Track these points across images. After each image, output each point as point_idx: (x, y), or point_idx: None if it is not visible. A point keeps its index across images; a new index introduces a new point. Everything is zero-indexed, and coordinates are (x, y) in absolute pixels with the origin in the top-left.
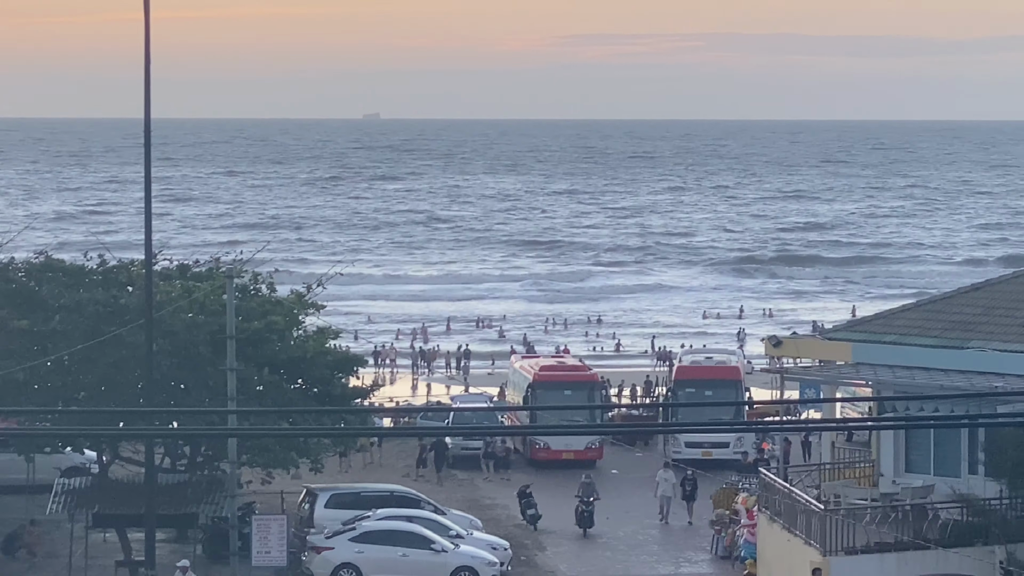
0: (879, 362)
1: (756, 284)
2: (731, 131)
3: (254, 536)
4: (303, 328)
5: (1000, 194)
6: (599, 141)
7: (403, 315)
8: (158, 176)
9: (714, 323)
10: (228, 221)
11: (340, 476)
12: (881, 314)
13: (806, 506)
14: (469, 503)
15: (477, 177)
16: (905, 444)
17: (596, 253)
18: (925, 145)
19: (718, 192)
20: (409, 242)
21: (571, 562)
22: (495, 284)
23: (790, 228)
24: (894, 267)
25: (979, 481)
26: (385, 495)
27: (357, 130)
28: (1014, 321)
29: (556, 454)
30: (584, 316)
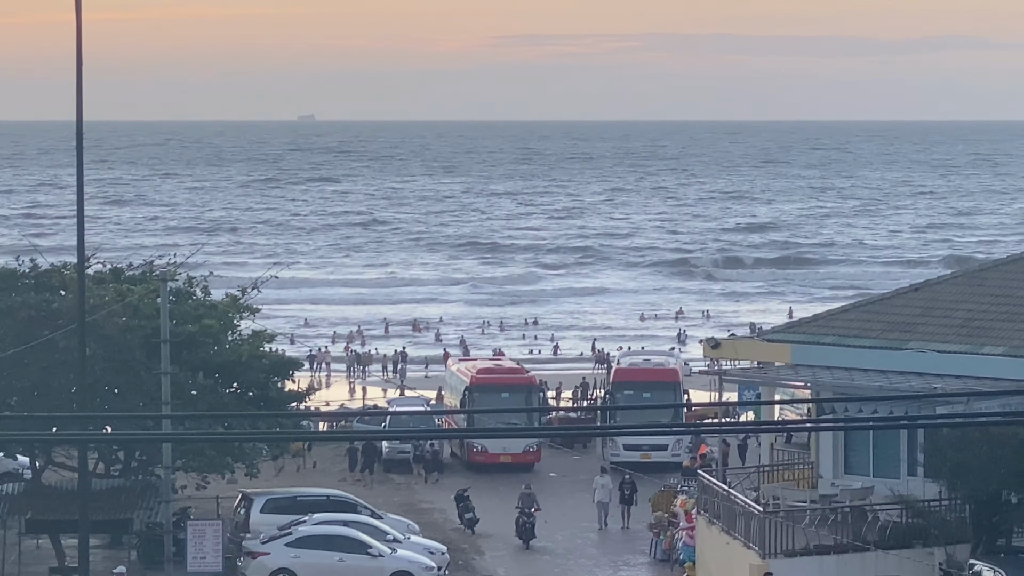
0: (818, 363)
1: (696, 285)
2: (669, 131)
3: (189, 542)
4: (238, 332)
5: (942, 194)
6: (537, 142)
7: (340, 318)
8: (92, 179)
9: (653, 325)
10: (163, 224)
11: (274, 480)
12: (820, 315)
13: (745, 508)
14: (406, 507)
15: (415, 179)
16: (844, 446)
17: (536, 255)
18: (864, 146)
19: (658, 193)
20: (347, 245)
21: (509, 566)
22: (434, 287)
23: (731, 229)
24: (835, 268)
25: (918, 482)
26: (321, 499)
27: (292, 132)
28: (953, 322)
29: (494, 457)
30: (522, 318)
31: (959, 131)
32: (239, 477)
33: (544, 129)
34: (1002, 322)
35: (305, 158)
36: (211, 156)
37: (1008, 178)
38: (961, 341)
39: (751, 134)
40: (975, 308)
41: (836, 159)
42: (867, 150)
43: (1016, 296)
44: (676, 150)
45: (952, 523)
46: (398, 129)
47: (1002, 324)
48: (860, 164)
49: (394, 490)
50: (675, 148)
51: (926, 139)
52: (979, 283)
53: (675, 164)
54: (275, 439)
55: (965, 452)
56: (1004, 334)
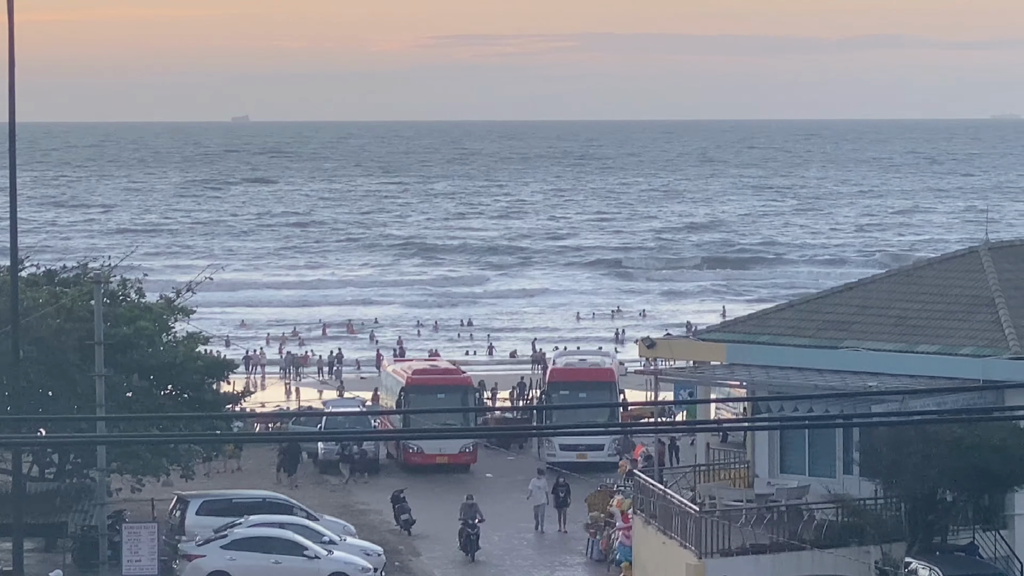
0: (753, 362)
1: (634, 285)
2: (604, 131)
3: (124, 544)
4: (173, 334)
5: (879, 193)
6: (473, 143)
7: (277, 320)
8: (25, 180)
9: (591, 325)
10: (98, 226)
11: (208, 482)
12: (755, 315)
13: (681, 508)
14: (342, 509)
15: (352, 180)
16: (780, 445)
17: (474, 256)
18: (800, 144)
19: (596, 193)
20: (285, 246)
21: (445, 567)
22: (372, 288)
23: (669, 228)
24: (773, 267)
25: (854, 481)
26: (257, 501)
27: (227, 133)
28: (887, 320)
29: (430, 458)
30: (458, 319)
31: (896, 130)
32: (174, 479)
33: (480, 129)
34: (936, 320)
35: (241, 159)
36: (147, 157)
37: (949, 177)
38: (896, 339)
39: (686, 134)
40: (909, 306)
41: (772, 158)
42: (802, 149)
43: (950, 294)
44: (612, 150)
45: (888, 521)
46: (334, 130)
47: (936, 322)
48: (797, 163)
49: (330, 492)
50: (611, 148)
51: (863, 138)
52: (913, 282)
53: (611, 164)
54: (210, 441)
55: (900, 451)
56: (938, 332)
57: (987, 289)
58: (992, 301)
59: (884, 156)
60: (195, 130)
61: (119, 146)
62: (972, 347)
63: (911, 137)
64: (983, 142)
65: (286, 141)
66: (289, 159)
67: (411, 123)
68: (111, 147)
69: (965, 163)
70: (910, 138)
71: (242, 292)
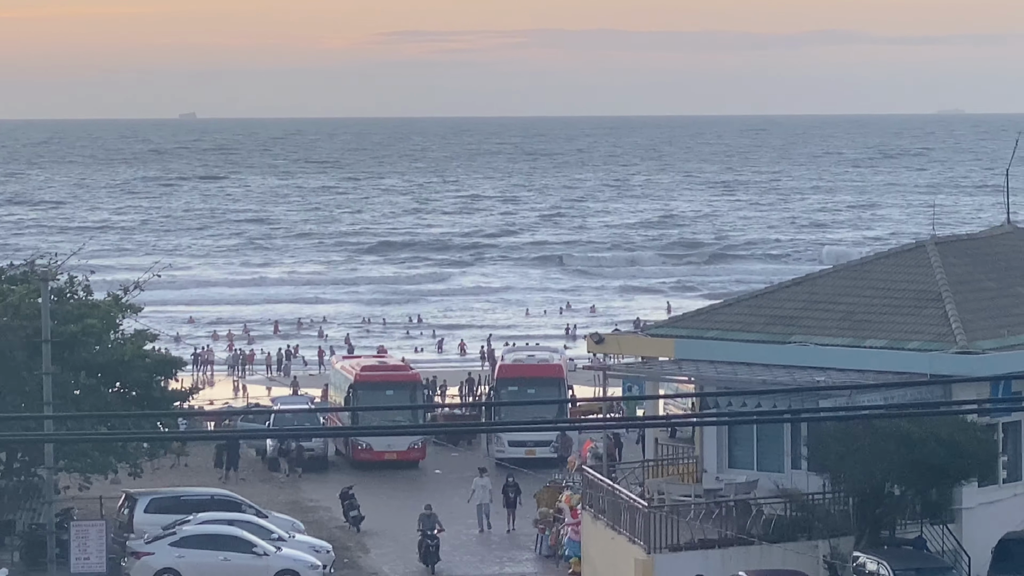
0: (701, 358)
1: (585, 281)
2: (554, 127)
3: (73, 542)
4: (120, 331)
5: (830, 188)
6: (425, 139)
7: (229, 317)
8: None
9: (542, 321)
10: (45, 223)
11: (154, 479)
12: (703, 310)
13: (630, 503)
14: (291, 505)
15: (303, 176)
16: (728, 440)
17: (426, 252)
18: (749, 140)
19: (548, 188)
20: (235, 243)
21: (394, 563)
22: (323, 285)
23: (619, 224)
24: (724, 263)
25: (802, 476)
26: (206, 499)
27: (175, 130)
28: (834, 315)
29: (378, 455)
30: (407, 316)
31: (844, 125)
32: (123, 477)
33: (431, 125)
34: (884, 315)
35: (190, 156)
36: (95, 155)
37: (900, 171)
38: (844, 334)
39: (635, 129)
40: (857, 301)
41: (723, 153)
42: (752, 144)
43: (897, 289)
44: (561, 145)
45: (836, 516)
46: (283, 126)
47: (884, 317)
48: (748, 159)
49: (278, 488)
50: (560, 143)
51: (811, 133)
52: (861, 277)
53: (562, 159)
54: (159, 439)
55: (848, 445)
56: (886, 327)
57: (934, 284)
58: (939, 296)
59: (834, 151)
60: (143, 127)
61: (67, 143)
62: (919, 342)
63: (861, 132)
64: (936, 136)
65: (235, 138)
66: (239, 156)
67: (361, 119)
68: (59, 144)
69: (919, 157)
70: (860, 133)
71: (191, 290)
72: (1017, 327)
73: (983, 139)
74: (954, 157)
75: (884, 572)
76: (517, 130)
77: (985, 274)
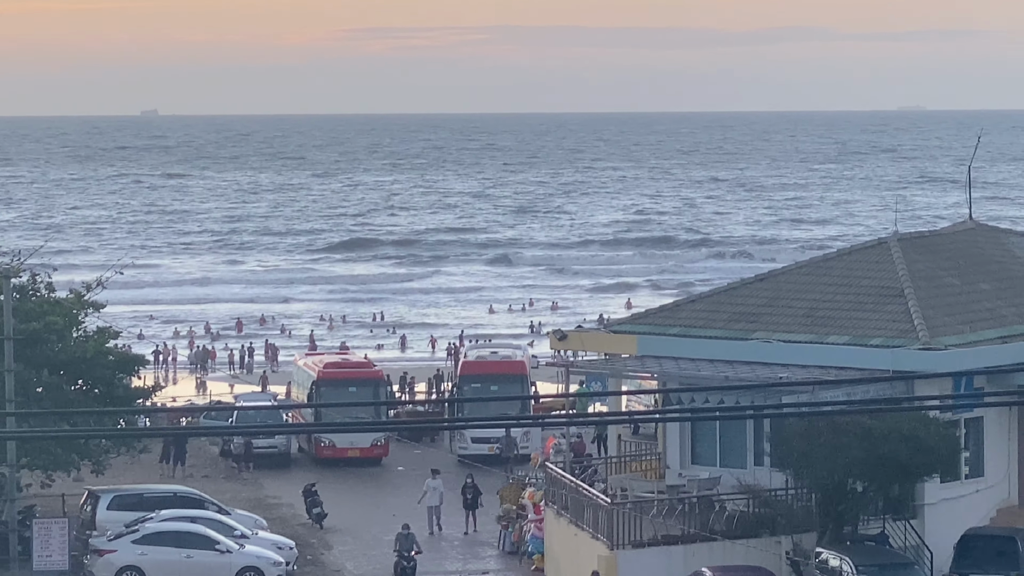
0: (664, 354)
1: (551, 278)
2: (515, 124)
3: (35, 540)
4: (83, 328)
5: (799, 185)
6: (390, 136)
7: (193, 314)
8: None
9: (505, 318)
10: (5, 220)
11: (119, 476)
12: (666, 306)
13: (592, 500)
14: (254, 503)
15: (267, 173)
16: (691, 436)
17: (392, 249)
18: (715, 136)
19: (510, 185)
20: (202, 240)
21: (357, 560)
22: (289, 285)
23: (588, 223)
24: (691, 260)
25: (765, 472)
26: (168, 496)
27: (137, 127)
28: (797, 312)
29: (341, 452)
30: (370, 314)
31: (808, 121)
32: (85, 474)
33: (393, 122)
34: (846, 311)
35: (156, 153)
36: (55, 152)
37: (866, 167)
38: (806, 331)
39: (601, 126)
40: (819, 297)
41: (694, 149)
42: (718, 140)
43: (859, 285)
44: (527, 142)
45: (798, 512)
46: (246, 124)
47: (846, 313)
48: (716, 155)
49: (241, 485)
50: (527, 140)
51: (775, 129)
52: (824, 272)
53: (528, 156)
54: (121, 436)
55: (811, 441)
56: (848, 323)
57: (896, 280)
58: (902, 292)
59: (803, 147)
60: (106, 124)
61: (27, 140)
62: (881, 338)
63: (826, 128)
64: (906, 132)
65: (199, 135)
66: (205, 152)
67: (324, 116)
68: (18, 141)
69: (889, 153)
70: (826, 129)
71: (155, 287)
72: (979, 323)
73: (948, 135)
74: (921, 153)
75: (847, 568)
76: (483, 126)
77: (947, 270)
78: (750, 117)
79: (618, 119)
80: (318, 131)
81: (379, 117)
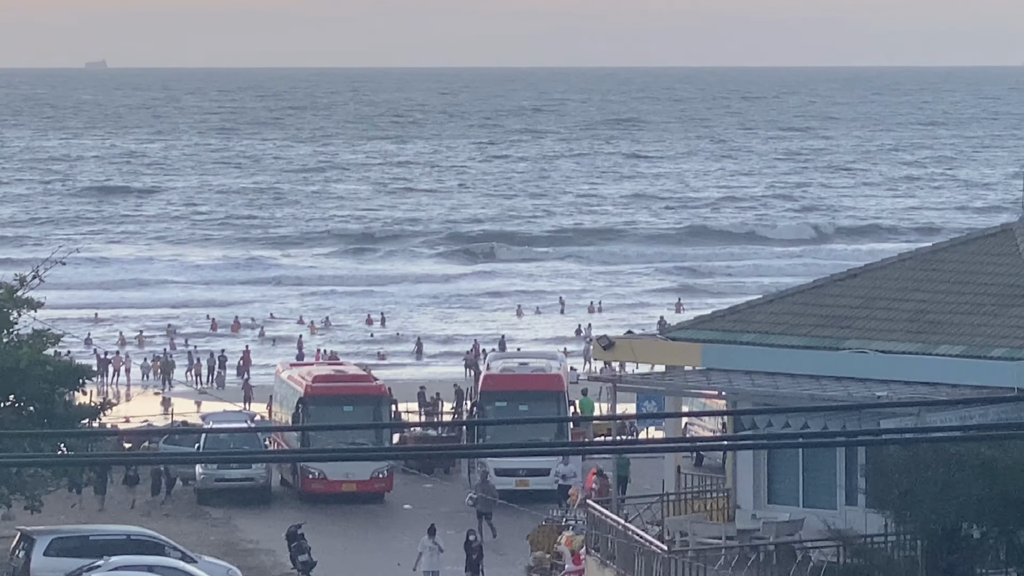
0: (734, 367)
1: (586, 270)
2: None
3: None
4: (15, 332)
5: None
6: (372, 90)
7: (151, 315)
8: None
9: (536, 321)
10: None
11: (60, 515)
12: (738, 307)
13: (646, 547)
14: (226, 547)
15: (239, 138)
16: (767, 469)
17: (395, 243)
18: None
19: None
20: (163, 227)
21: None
22: (271, 281)
23: (607, 203)
24: (745, 248)
25: (858, 514)
26: (120, 539)
27: (83, 81)
28: (899, 315)
29: (334, 485)
30: (364, 314)
31: (950, 79)
32: (17, 512)
33: (385, 76)
34: (961, 315)
35: (105, 113)
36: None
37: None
38: (910, 339)
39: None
40: (928, 298)
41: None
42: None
43: (978, 283)
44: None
45: (900, 563)
46: (200, 78)
47: (960, 318)
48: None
49: (210, 526)
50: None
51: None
52: (933, 267)
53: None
54: (61, 464)
55: (916, 476)
56: (963, 330)
57: (1023, 277)
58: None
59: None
60: (46, 77)
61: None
62: (1005, 348)
63: (971, 86)
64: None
65: (152, 92)
66: (163, 112)
67: (305, 69)
68: None
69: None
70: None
71: (104, 280)
72: None
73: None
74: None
75: None
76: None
77: None
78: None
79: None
80: (287, 86)
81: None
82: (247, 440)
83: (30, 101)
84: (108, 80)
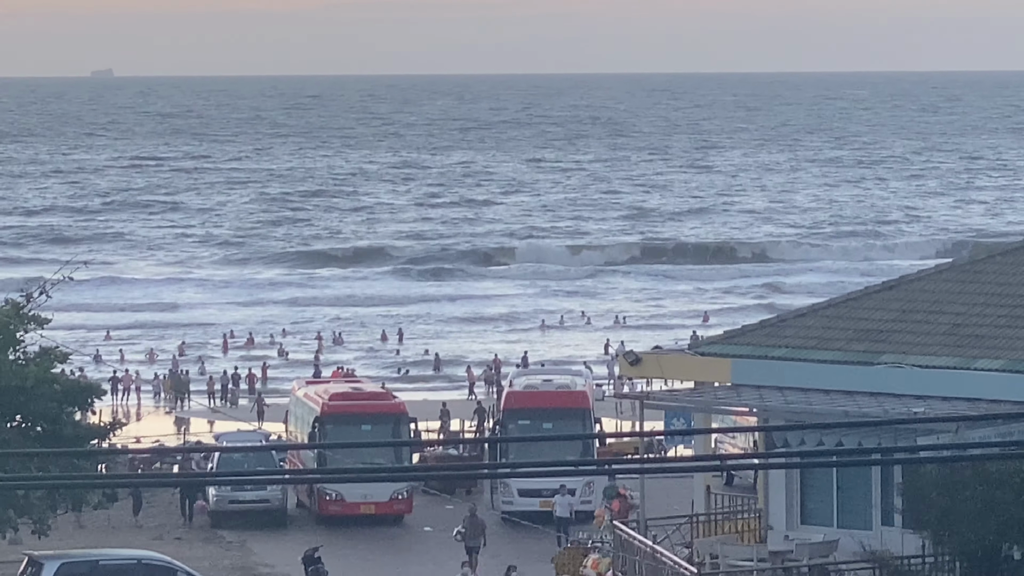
0: (766, 383)
1: (613, 282)
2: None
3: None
4: (22, 349)
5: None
6: (392, 100)
7: (167, 332)
8: None
9: (562, 336)
10: None
11: (68, 539)
12: (768, 321)
13: (675, 569)
14: (241, 572)
15: (267, 148)
16: (800, 488)
17: (411, 259)
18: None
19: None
20: (168, 234)
21: None
22: (289, 302)
23: (627, 215)
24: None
25: (895, 534)
26: (130, 564)
27: (90, 90)
28: (936, 329)
29: (352, 507)
30: (379, 327)
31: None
32: (24, 536)
33: (392, 83)
34: (1000, 328)
35: (106, 118)
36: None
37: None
38: (948, 353)
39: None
40: (966, 311)
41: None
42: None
43: (1017, 295)
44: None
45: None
46: (205, 85)
47: (1000, 331)
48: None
49: (224, 550)
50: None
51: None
52: (971, 278)
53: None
54: (71, 486)
55: (954, 495)
56: (1002, 343)
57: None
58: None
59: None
60: (51, 87)
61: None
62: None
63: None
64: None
65: (160, 102)
66: (177, 122)
67: (295, 78)
68: None
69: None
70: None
71: (114, 296)
72: None
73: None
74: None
75: None
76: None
77: None
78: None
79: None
80: (296, 95)
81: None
82: (262, 460)
83: (38, 110)
84: (117, 89)
